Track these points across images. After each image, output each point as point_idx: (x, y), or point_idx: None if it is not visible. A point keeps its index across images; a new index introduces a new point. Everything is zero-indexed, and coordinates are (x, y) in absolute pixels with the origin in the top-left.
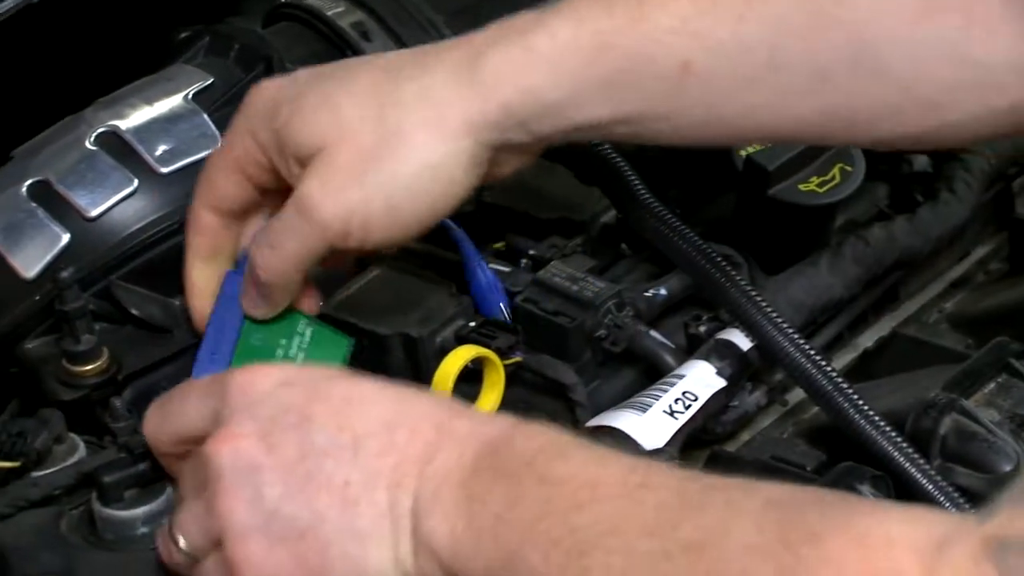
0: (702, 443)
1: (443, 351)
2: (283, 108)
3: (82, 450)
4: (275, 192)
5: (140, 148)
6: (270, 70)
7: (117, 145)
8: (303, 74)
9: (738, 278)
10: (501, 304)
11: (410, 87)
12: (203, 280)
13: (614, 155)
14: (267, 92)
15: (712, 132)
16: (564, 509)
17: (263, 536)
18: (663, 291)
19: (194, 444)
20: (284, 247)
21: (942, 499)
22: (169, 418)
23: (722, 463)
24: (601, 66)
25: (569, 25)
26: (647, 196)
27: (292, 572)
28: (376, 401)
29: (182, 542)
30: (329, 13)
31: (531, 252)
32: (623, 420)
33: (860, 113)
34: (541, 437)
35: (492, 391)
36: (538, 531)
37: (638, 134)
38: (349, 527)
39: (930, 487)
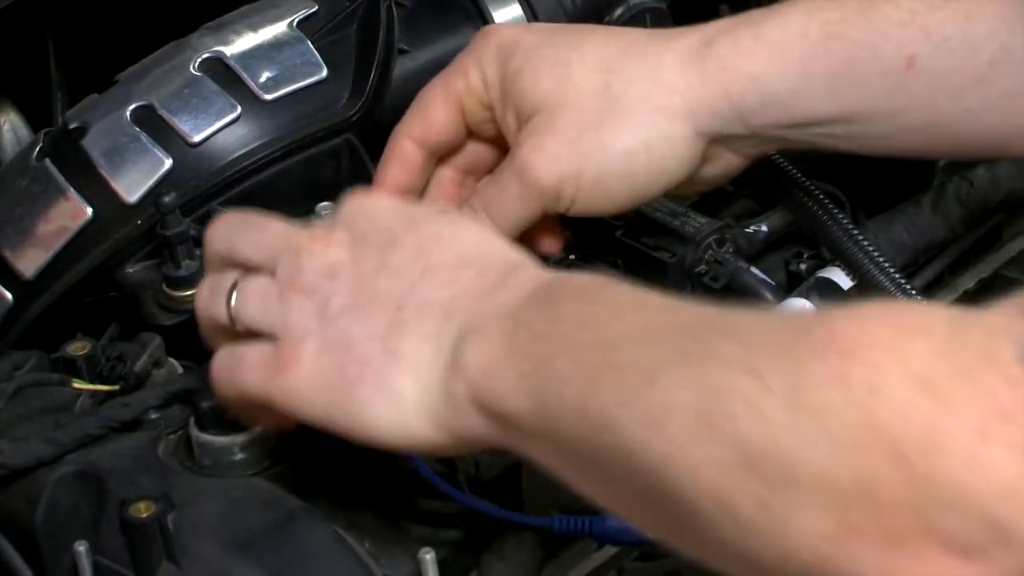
0: None
1: None
2: (517, 54)
3: None
4: (477, 142)
5: (244, 75)
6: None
7: (221, 71)
8: (539, 26)
9: (840, 216)
10: None
11: (638, 65)
12: None
13: None
14: (504, 34)
15: (930, 138)
16: (606, 319)
17: (319, 340)
18: (764, 227)
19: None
20: (501, 208)
21: None
22: (250, 229)
23: None
24: (827, 57)
25: (800, 14)
26: None
27: (331, 380)
28: (462, 242)
29: (235, 305)
30: None
31: None
32: None
33: None
34: (601, 276)
35: None
36: (575, 341)
37: (856, 135)
38: (392, 348)
39: None
